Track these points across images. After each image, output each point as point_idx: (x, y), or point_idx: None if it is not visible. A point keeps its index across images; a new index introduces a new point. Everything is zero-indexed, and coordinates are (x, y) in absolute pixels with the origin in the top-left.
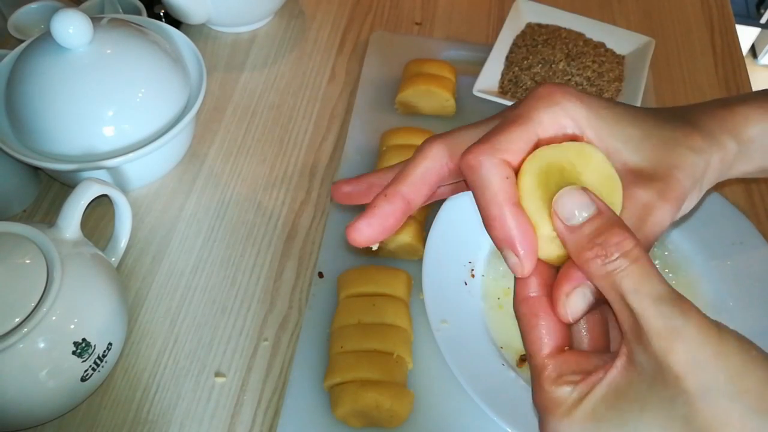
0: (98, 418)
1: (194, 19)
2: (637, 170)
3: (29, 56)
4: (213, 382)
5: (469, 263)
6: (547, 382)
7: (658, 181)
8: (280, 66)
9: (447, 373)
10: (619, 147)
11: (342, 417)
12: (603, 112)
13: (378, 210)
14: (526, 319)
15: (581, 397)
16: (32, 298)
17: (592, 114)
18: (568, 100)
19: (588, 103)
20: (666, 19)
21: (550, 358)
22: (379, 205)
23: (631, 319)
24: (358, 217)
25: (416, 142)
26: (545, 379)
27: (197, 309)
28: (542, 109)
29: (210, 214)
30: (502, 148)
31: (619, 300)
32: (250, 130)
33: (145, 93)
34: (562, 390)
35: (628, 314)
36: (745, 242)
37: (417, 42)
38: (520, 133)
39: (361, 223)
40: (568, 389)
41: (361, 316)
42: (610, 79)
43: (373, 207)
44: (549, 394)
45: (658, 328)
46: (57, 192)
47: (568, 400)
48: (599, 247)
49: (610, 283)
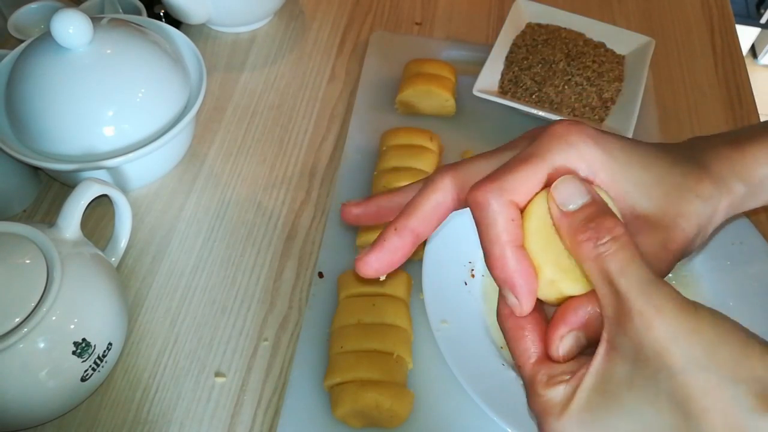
0: (98, 418)
1: (194, 19)
2: (643, 217)
3: (29, 56)
4: (213, 382)
5: (469, 263)
6: (539, 386)
7: (663, 231)
8: (280, 66)
9: (447, 373)
10: (630, 190)
11: (342, 417)
12: (617, 153)
13: (388, 244)
14: (512, 333)
15: (573, 392)
16: (32, 298)
17: (606, 156)
18: (583, 141)
19: (603, 144)
20: (666, 19)
21: (538, 365)
22: (389, 239)
23: (614, 301)
24: (368, 251)
25: (416, 142)
26: (537, 384)
27: (197, 309)
28: (555, 150)
29: (210, 214)
30: (510, 188)
31: (606, 284)
32: (250, 130)
33: (145, 93)
34: (555, 391)
35: (612, 297)
36: (745, 242)
37: (417, 42)
38: (530, 173)
39: (371, 258)
40: (561, 388)
41: (361, 316)
42: (610, 79)
43: (382, 241)
44: (543, 397)
45: (639, 307)
46: (57, 192)
47: (562, 398)
48: (591, 231)
49: (600, 265)
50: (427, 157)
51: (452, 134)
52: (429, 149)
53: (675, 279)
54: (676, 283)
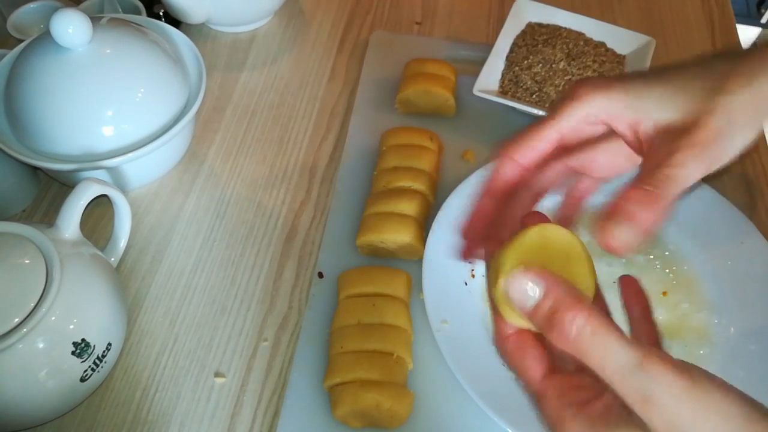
0: (98, 418)
1: (194, 19)
2: (670, 126)
3: (29, 56)
4: (213, 383)
5: (469, 263)
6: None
7: (692, 131)
8: (280, 66)
9: (447, 373)
10: (650, 107)
11: (342, 417)
12: (629, 85)
13: None
14: (514, 354)
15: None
16: (31, 298)
17: (617, 94)
18: (591, 94)
19: (612, 86)
20: (666, 18)
21: (546, 381)
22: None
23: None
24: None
25: (416, 142)
26: (550, 398)
27: (197, 309)
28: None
29: (210, 214)
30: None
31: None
32: (250, 130)
33: (145, 93)
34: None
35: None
36: (745, 242)
37: (417, 42)
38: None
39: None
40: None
41: (361, 316)
42: None
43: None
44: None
45: (633, 400)
46: (56, 192)
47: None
48: (558, 327)
49: (581, 355)
50: (427, 157)
51: (452, 134)
52: (429, 149)
53: (676, 280)
54: (677, 283)
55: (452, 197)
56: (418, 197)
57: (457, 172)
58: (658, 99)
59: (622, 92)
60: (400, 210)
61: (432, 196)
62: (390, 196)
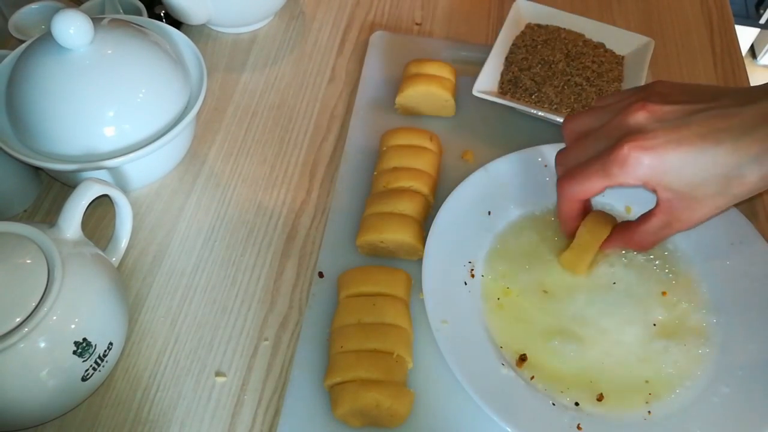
0: (99, 417)
1: (195, 20)
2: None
3: (30, 56)
4: (213, 382)
5: (469, 263)
6: None
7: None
8: (281, 66)
9: (447, 373)
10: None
11: (342, 416)
12: (669, 163)
13: None
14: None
15: None
16: (33, 297)
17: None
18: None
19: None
20: (665, 19)
21: None
22: None
23: None
24: None
25: (416, 143)
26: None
27: (198, 309)
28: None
29: (210, 214)
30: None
31: None
32: (251, 131)
33: (146, 93)
34: None
35: None
36: (744, 242)
37: (417, 42)
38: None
39: None
40: None
41: (361, 315)
42: (610, 80)
43: None
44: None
45: None
46: (58, 192)
47: None
48: None
49: None
50: (427, 157)
51: (452, 134)
52: (429, 149)
53: (675, 280)
54: (676, 283)
55: (452, 197)
56: (418, 197)
57: (457, 172)
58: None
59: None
60: (400, 210)
61: (432, 196)
62: (390, 196)
